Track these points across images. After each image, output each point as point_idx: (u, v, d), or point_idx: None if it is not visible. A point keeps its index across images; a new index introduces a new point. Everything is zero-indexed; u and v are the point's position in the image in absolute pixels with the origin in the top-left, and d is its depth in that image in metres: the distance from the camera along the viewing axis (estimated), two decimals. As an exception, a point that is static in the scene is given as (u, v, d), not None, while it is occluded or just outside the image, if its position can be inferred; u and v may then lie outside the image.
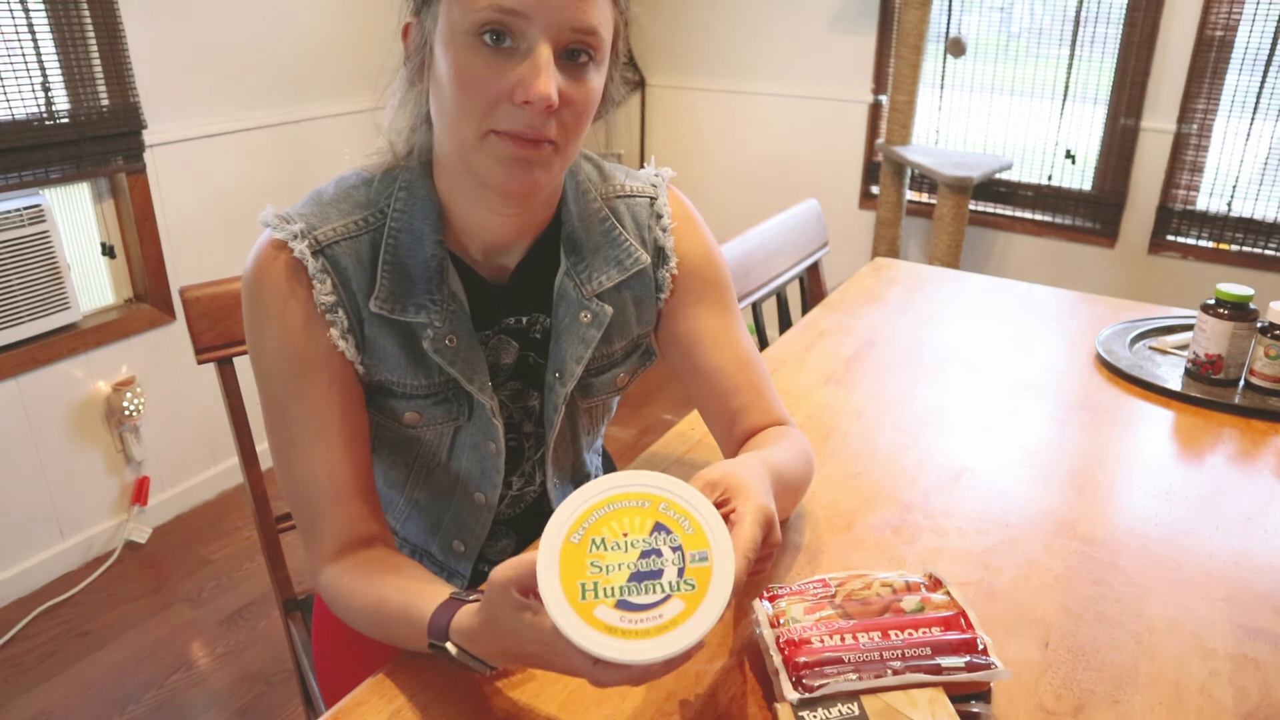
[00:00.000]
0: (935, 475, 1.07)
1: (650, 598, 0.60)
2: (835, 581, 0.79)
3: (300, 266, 0.81)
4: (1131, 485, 1.06)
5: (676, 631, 0.59)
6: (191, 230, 2.41)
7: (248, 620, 2.12)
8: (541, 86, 0.72)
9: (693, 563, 0.62)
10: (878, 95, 3.10)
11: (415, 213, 0.84)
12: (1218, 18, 2.53)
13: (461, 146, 0.77)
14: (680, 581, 0.61)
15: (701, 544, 0.63)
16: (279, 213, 0.83)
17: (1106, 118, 2.78)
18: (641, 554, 0.62)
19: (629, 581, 0.61)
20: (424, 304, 0.83)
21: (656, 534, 0.63)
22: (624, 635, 0.58)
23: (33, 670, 1.96)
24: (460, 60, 0.74)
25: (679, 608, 0.60)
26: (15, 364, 2.07)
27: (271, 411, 0.83)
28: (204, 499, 2.59)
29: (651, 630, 0.59)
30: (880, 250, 2.96)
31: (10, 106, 1.96)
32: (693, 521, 0.64)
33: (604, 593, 0.60)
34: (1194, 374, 1.30)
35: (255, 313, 0.83)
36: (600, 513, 0.63)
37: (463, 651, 0.69)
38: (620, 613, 0.59)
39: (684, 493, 0.65)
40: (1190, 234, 2.74)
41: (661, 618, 0.59)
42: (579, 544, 0.62)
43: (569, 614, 0.59)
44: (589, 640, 0.58)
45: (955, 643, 0.71)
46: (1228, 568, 0.90)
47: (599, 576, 0.60)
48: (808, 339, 1.45)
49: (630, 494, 0.64)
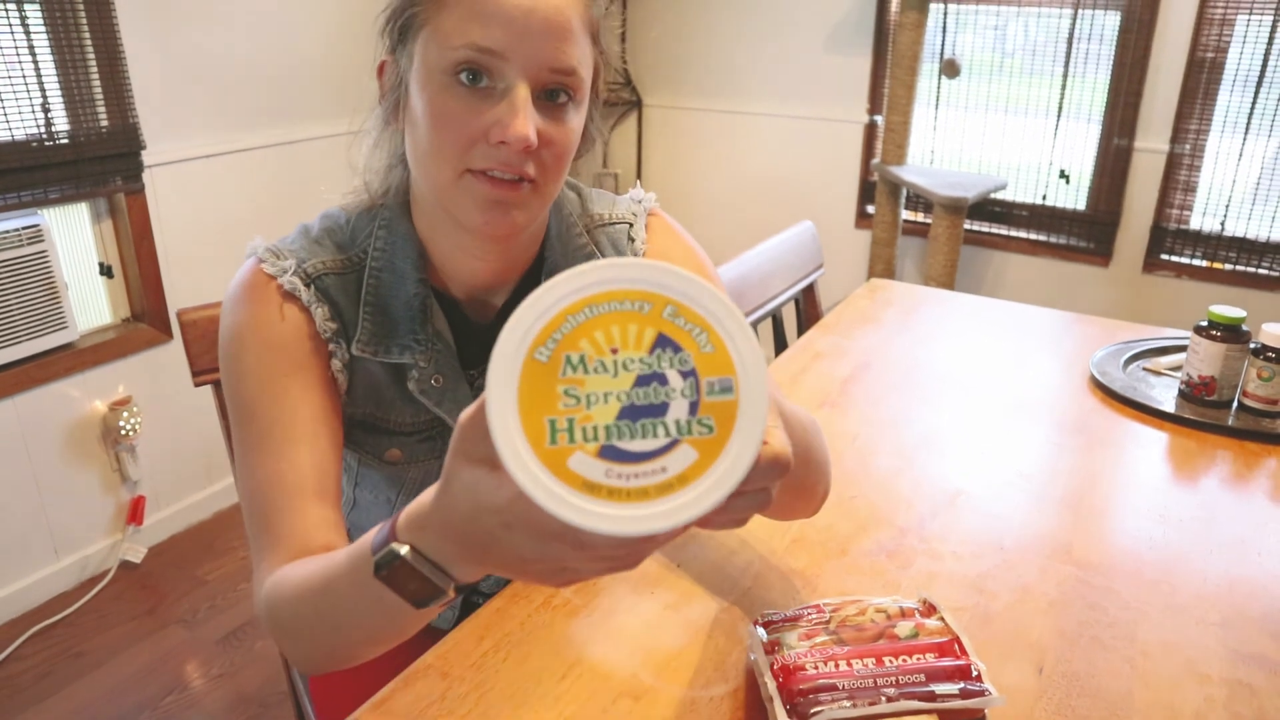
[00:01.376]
0: (930, 499, 1.07)
1: (649, 442, 0.43)
2: (830, 607, 0.79)
3: (292, 296, 0.81)
4: (1125, 508, 1.06)
5: (685, 493, 0.42)
6: (189, 250, 2.42)
7: (243, 641, 2.11)
8: (519, 127, 0.71)
9: (711, 394, 0.43)
10: (873, 115, 3.12)
11: (396, 252, 0.83)
12: (1209, 39, 2.55)
13: (438, 187, 0.76)
14: (692, 422, 0.43)
15: (724, 368, 0.44)
16: (269, 246, 0.82)
17: (1100, 137, 2.80)
18: (638, 379, 0.43)
19: (619, 419, 0.43)
20: (408, 344, 0.82)
21: (660, 350, 0.44)
22: (610, 496, 0.42)
23: (26, 691, 1.95)
24: (436, 99, 0.73)
25: (690, 457, 0.43)
26: (12, 383, 2.07)
27: (239, 412, 0.79)
28: (199, 519, 2.59)
29: (650, 490, 0.42)
30: (876, 270, 2.97)
31: (10, 127, 1.97)
32: (712, 335, 0.44)
33: (582, 434, 0.42)
34: (1187, 395, 1.31)
35: (237, 329, 0.80)
36: (578, 318, 0.44)
37: (414, 553, 0.55)
38: (606, 463, 0.42)
39: (700, 294, 0.44)
40: (1184, 253, 2.76)
41: (666, 471, 0.43)
42: (547, 364, 0.43)
43: (531, 464, 0.42)
44: (559, 502, 0.41)
45: (950, 669, 0.71)
46: (1222, 592, 0.91)
47: (575, 411, 0.43)
48: (803, 361, 1.45)
49: (623, 292, 0.44)
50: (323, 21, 2.62)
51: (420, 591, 0.56)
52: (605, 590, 0.88)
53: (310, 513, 0.76)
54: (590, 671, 0.78)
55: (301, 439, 0.78)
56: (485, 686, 0.76)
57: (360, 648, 0.67)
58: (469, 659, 0.79)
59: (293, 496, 0.76)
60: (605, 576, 0.75)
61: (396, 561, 0.55)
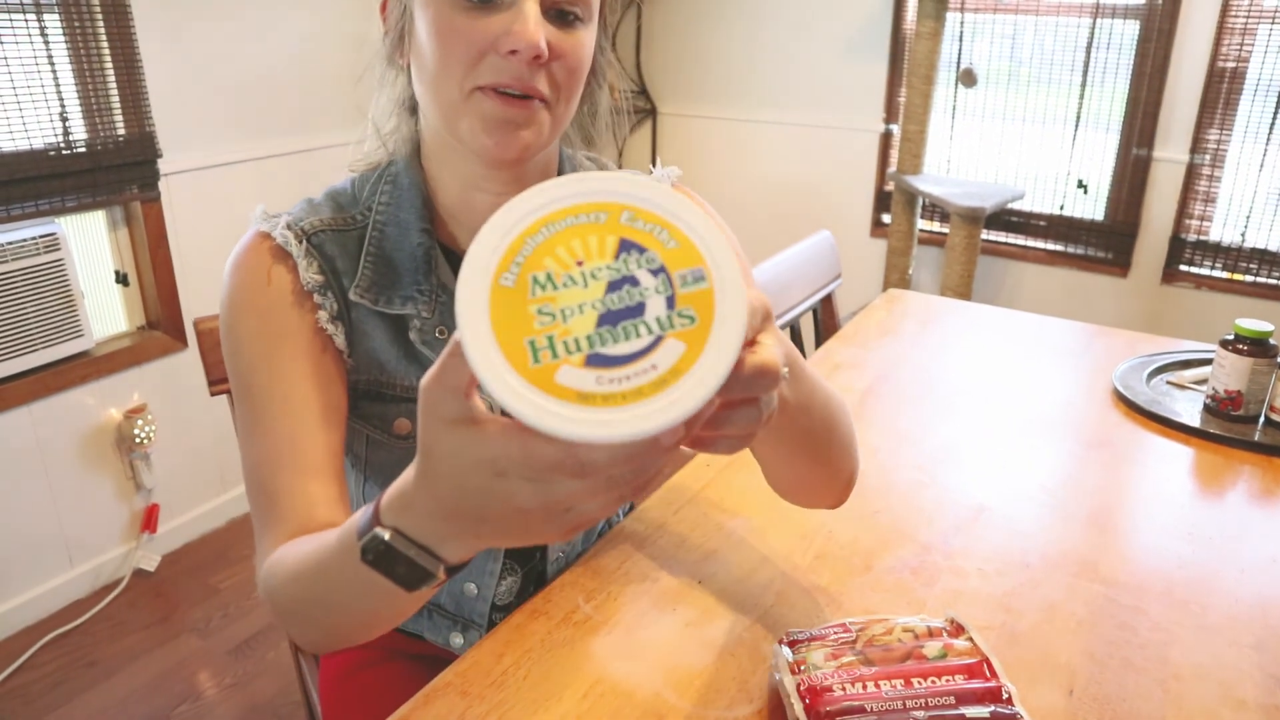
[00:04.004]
0: (953, 514, 1.05)
1: (633, 344, 0.42)
2: (856, 626, 0.78)
3: (284, 253, 0.79)
4: (1153, 525, 1.04)
5: (679, 386, 0.41)
6: (204, 258, 2.42)
7: (256, 651, 2.11)
8: (530, 33, 0.69)
9: (685, 285, 0.43)
10: (889, 124, 3.10)
11: (401, 204, 0.82)
12: (1230, 49, 2.53)
13: (446, 109, 0.74)
14: (672, 315, 0.43)
15: (692, 259, 0.44)
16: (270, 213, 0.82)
17: (1119, 147, 2.78)
18: (609, 286, 0.43)
19: (599, 328, 0.42)
20: (410, 295, 0.80)
21: (625, 255, 0.44)
22: (606, 402, 0.40)
23: (39, 700, 1.95)
24: (441, 16, 0.71)
25: (678, 350, 0.42)
26: (28, 391, 2.08)
27: (238, 386, 0.78)
28: (213, 527, 2.59)
29: (644, 389, 0.41)
30: (892, 279, 2.95)
31: (29, 136, 1.97)
32: (673, 231, 0.44)
33: (565, 348, 0.41)
34: (1213, 410, 1.29)
35: (232, 296, 0.78)
36: (536, 239, 0.44)
37: (398, 535, 0.53)
38: (595, 371, 0.41)
39: (654, 195, 0.45)
40: (1204, 264, 2.73)
41: (657, 368, 0.41)
42: (514, 288, 0.43)
43: (519, 387, 0.40)
44: (554, 417, 0.40)
45: (979, 692, 0.69)
46: (1255, 613, 0.89)
47: (553, 328, 0.42)
48: (822, 372, 1.44)
49: (574, 207, 0.45)
50: (338, 30, 2.62)
51: (409, 575, 0.54)
52: (626, 606, 0.87)
53: (310, 490, 0.74)
54: (612, 690, 0.76)
55: (299, 413, 0.76)
56: (505, 706, 0.74)
57: (359, 629, 0.66)
58: (488, 677, 0.78)
59: (292, 474, 0.74)
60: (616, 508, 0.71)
61: (381, 547, 0.53)
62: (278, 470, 0.74)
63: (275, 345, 0.77)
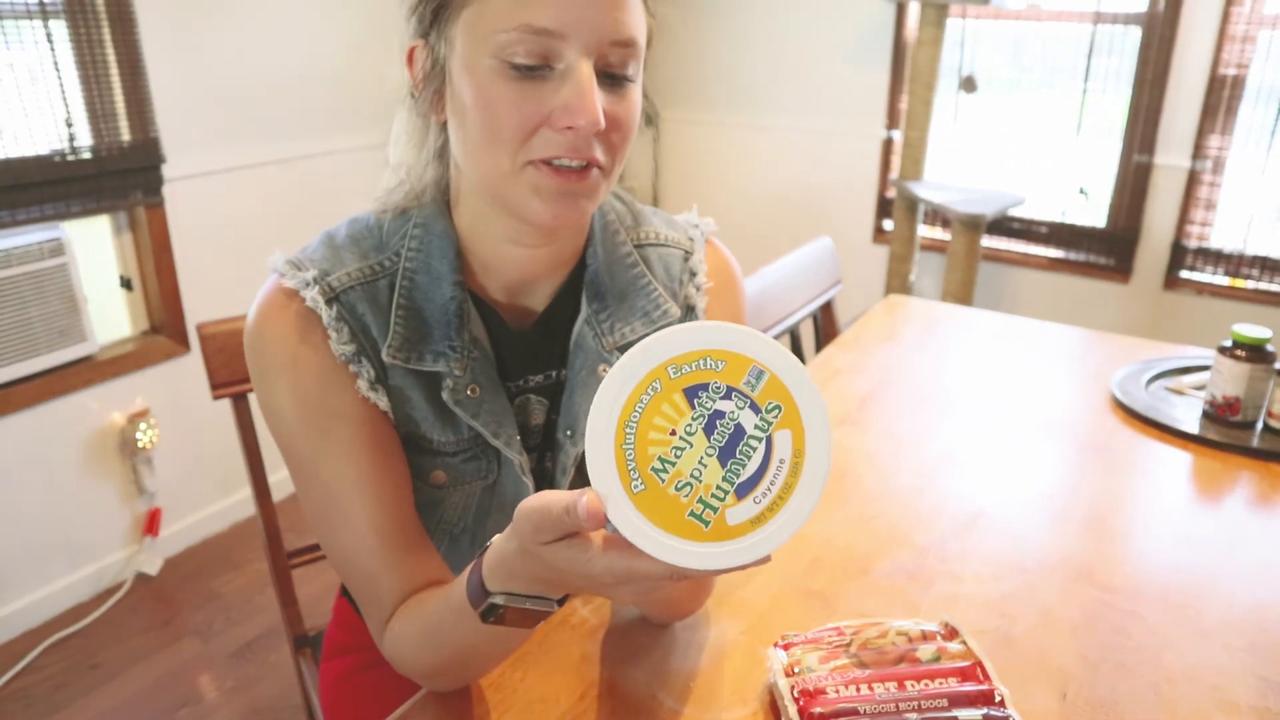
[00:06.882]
0: (950, 519, 1.06)
1: (756, 458, 0.50)
2: (850, 629, 0.78)
3: (313, 316, 0.74)
4: (1149, 530, 1.05)
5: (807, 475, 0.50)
6: (208, 263, 2.43)
7: (257, 654, 2.11)
8: (590, 109, 0.65)
9: (754, 389, 0.51)
10: (890, 131, 3.11)
11: (432, 252, 0.77)
12: (1231, 55, 2.54)
13: (494, 181, 0.70)
14: (764, 415, 0.51)
15: (743, 365, 0.51)
16: (289, 258, 0.77)
17: (1120, 153, 2.78)
18: (706, 430, 0.51)
19: (724, 466, 0.51)
20: (443, 351, 0.76)
21: (697, 400, 0.51)
22: (770, 511, 0.50)
23: (41, 703, 1.95)
24: (488, 87, 0.67)
25: (787, 439, 0.50)
26: (32, 395, 2.08)
27: (301, 476, 0.76)
28: (216, 531, 2.59)
29: (789, 483, 0.50)
30: (893, 286, 2.96)
31: (34, 141, 1.99)
32: (714, 355, 0.51)
33: (715, 498, 0.50)
34: (1211, 416, 1.29)
35: (262, 367, 0.75)
36: (628, 446, 0.51)
37: (510, 595, 0.60)
38: (748, 498, 0.50)
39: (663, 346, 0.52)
40: (1205, 270, 2.74)
41: (783, 463, 0.50)
42: (648, 489, 0.51)
43: (703, 551, 0.50)
44: (745, 555, 0.50)
45: (972, 694, 0.70)
46: (1249, 617, 0.89)
47: (697, 493, 0.50)
48: (822, 378, 1.44)
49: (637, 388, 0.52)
50: (342, 36, 2.64)
51: (530, 619, 0.62)
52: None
53: (405, 565, 0.75)
54: (608, 692, 0.77)
55: (375, 498, 0.74)
56: (503, 708, 0.75)
57: (492, 663, 0.74)
58: (486, 678, 0.78)
59: (383, 558, 0.74)
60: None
61: (500, 609, 0.61)
62: (368, 557, 0.74)
63: (329, 429, 0.74)
